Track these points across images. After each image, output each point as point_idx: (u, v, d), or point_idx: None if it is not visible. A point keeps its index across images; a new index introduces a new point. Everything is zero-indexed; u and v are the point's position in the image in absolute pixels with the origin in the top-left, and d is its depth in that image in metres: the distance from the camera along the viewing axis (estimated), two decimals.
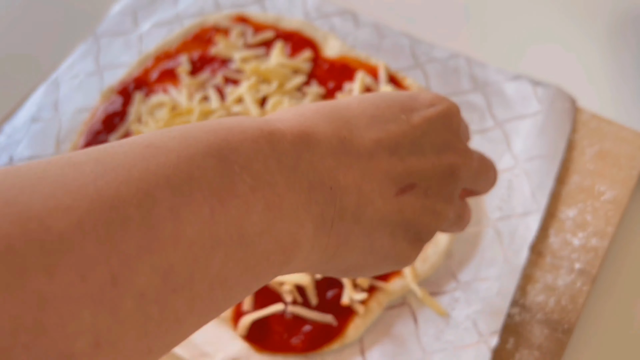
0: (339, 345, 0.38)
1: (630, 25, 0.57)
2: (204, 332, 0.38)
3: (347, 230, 0.23)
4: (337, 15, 0.53)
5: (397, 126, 0.25)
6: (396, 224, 0.25)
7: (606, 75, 0.54)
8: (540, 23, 0.58)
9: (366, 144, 0.23)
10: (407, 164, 0.25)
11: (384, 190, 0.24)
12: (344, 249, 0.23)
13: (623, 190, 0.43)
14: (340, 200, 0.22)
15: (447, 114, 0.27)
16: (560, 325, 0.38)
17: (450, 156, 0.26)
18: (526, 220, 0.42)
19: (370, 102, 0.25)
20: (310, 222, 0.21)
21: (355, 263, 0.25)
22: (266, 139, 0.20)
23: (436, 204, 0.26)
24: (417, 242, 0.27)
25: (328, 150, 0.22)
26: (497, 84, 0.48)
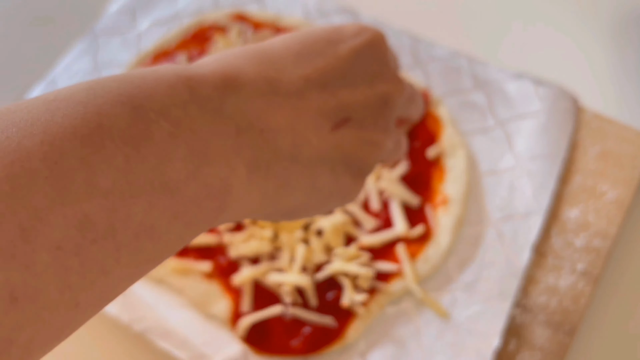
0: (339, 347, 0.37)
1: (633, 25, 0.56)
2: (203, 333, 0.38)
3: (286, 171, 0.22)
4: (337, 14, 0.53)
5: (325, 60, 0.24)
6: (336, 159, 0.25)
7: (608, 75, 0.53)
8: (542, 22, 0.57)
9: (295, 83, 0.23)
10: (339, 98, 0.24)
11: (318, 127, 0.23)
12: (286, 191, 0.23)
13: (625, 190, 0.43)
14: (273, 141, 0.22)
15: (374, 42, 0.26)
16: (562, 326, 0.38)
17: (382, 85, 0.26)
18: (528, 221, 0.41)
19: (295, 40, 0.25)
20: (242, 166, 0.20)
21: (300, 204, 0.24)
22: (185, 84, 0.20)
23: (373, 135, 0.26)
24: (359, 175, 0.26)
25: (255, 92, 0.22)
26: (499, 83, 0.48)
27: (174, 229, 0.18)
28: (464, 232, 0.42)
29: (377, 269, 0.40)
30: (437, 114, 0.46)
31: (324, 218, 0.41)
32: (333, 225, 0.40)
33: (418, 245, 0.41)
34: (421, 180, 0.43)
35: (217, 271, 0.40)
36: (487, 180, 0.44)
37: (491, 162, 0.45)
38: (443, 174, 0.44)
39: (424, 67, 0.49)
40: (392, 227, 0.41)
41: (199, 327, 0.38)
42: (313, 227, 0.40)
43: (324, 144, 0.24)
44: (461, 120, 0.47)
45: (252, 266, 0.40)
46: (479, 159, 0.45)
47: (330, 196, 0.25)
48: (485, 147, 0.45)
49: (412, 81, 0.30)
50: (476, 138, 0.46)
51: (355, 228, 0.41)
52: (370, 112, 0.26)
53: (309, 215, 0.26)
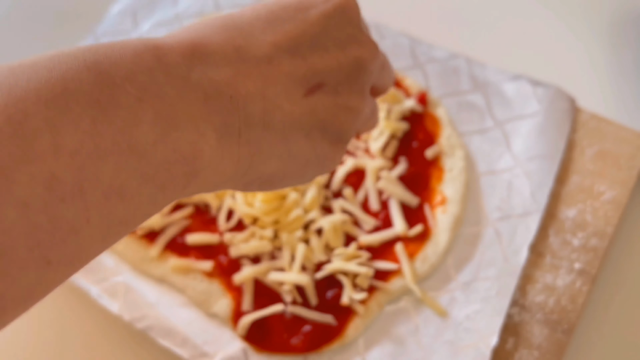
0: (338, 345, 0.38)
1: (630, 26, 0.57)
2: (204, 332, 0.38)
3: (258, 137, 0.23)
4: None
5: (295, 25, 0.24)
6: (311, 125, 0.24)
7: (606, 75, 0.54)
8: (540, 23, 0.58)
9: (264, 49, 0.23)
10: (310, 63, 0.24)
11: (290, 92, 0.23)
12: (260, 158, 0.23)
13: (623, 190, 0.43)
14: (244, 108, 0.22)
15: (345, 6, 0.26)
16: (559, 325, 0.38)
17: (355, 49, 0.26)
18: (526, 220, 0.42)
19: (263, 7, 0.25)
20: (212, 132, 0.21)
21: (277, 171, 0.24)
22: (151, 52, 0.20)
23: (349, 100, 0.26)
24: (338, 142, 0.26)
25: (223, 60, 0.22)
26: (497, 84, 0.48)
27: (144, 191, 0.19)
28: (462, 231, 0.42)
29: (376, 268, 0.40)
30: (435, 114, 0.47)
31: (324, 218, 0.41)
32: (333, 225, 0.40)
33: (417, 244, 0.41)
34: (420, 180, 0.44)
35: (218, 270, 0.40)
36: (486, 180, 0.44)
37: (489, 162, 0.45)
38: (442, 174, 0.44)
39: (422, 68, 0.50)
40: (391, 227, 0.41)
41: (200, 325, 0.39)
42: (313, 227, 0.41)
43: (298, 110, 0.24)
44: (460, 121, 0.47)
45: (253, 265, 0.40)
46: (477, 159, 0.45)
47: (308, 163, 0.25)
48: (484, 147, 0.46)
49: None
50: (474, 138, 0.46)
51: (354, 227, 0.42)
52: (344, 77, 0.25)
53: (288, 184, 0.26)
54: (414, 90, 0.48)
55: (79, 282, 0.40)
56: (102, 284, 0.40)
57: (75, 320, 0.42)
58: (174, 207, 0.42)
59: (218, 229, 0.42)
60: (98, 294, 0.39)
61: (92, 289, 0.39)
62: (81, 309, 0.42)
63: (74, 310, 0.42)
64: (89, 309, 0.42)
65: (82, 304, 0.42)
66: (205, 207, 0.43)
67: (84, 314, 0.42)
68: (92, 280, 0.40)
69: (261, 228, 0.41)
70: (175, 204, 0.42)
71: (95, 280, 0.40)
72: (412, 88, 0.48)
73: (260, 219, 0.41)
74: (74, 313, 0.42)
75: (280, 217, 0.40)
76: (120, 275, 0.41)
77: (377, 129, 0.45)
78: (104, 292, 0.39)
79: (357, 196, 0.43)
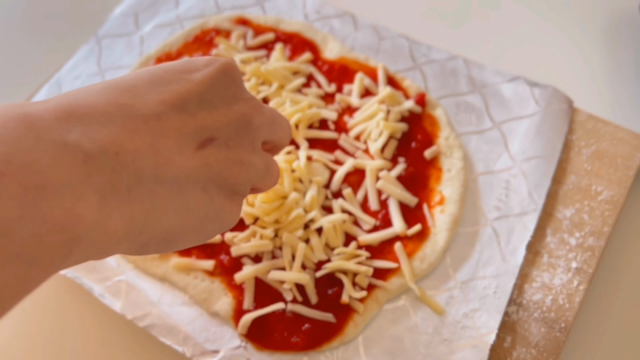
0: (338, 343, 0.38)
1: (625, 27, 0.57)
2: (205, 330, 0.39)
3: (151, 192, 0.22)
4: (337, 17, 0.54)
5: (180, 85, 0.25)
6: (206, 179, 0.25)
7: (603, 76, 0.54)
8: (537, 25, 0.58)
9: (151, 106, 0.23)
10: (198, 119, 0.25)
11: (182, 147, 0.24)
12: (155, 213, 0.23)
13: (619, 190, 0.44)
14: (132, 163, 0.21)
15: (226, 68, 0.28)
16: (557, 323, 0.39)
17: (241, 106, 0.27)
18: (523, 220, 0.42)
19: (146, 71, 0.25)
20: (93, 193, 0.20)
21: (175, 227, 0.24)
22: (19, 119, 0.19)
23: (240, 154, 0.27)
24: (234, 195, 0.27)
25: (105, 119, 0.21)
26: (495, 85, 0.48)
27: (9, 269, 0.18)
28: (460, 231, 0.42)
29: (375, 267, 0.40)
30: (434, 115, 0.47)
31: (324, 217, 0.41)
32: (332, 225, 0.41)
33: (415, 244, 0.41)
34: (419, 180, 0.44)
35: (219, 269, 0.41)
36: (484, 180, 0.45)
37: (487, 162, 0.45)
38: (440, 174, 0.44)
39: (421, 69, 0.50)
40: (390, 227, 0.42)
41: (202, 323, 0.39)
42: (313, 226, 0.41)
43: (191, 163, 0.24)
44: (458, 122, 0.48)
45: (254, 264, 0.40)
46: (475, 160, 0.46)
47: (206, 218, 0.26)
48: (482, 147, 0.46)
49: (273, 110, 0.31)
50: (473, 139, 0.47)
51: (354, 227, 0.42)
52: (234, 132, 0.26)
53: (188, 242, 0.26)
54: (412, 92, 0.48)
55: (81, 282, 0.40)
56: (104, 283, 0.40)
57: (78, 319, 0.42)
58: None
59: None
60: (100, 293, 0.40)
61: (95, 288, 0.40)
62: (84, 308, 0.43)
63: (76, 309, 0.43)
64: (91, 308, 0.43)
65: (84, 303, 0.43)
66: None
67: (87, 313, 0.43)
68: (95, 280, 0.40)
69: (262, 227, 0.41)
70: None
71: (97, 279, 0.40)
72: (410, 89, 0.49)
73: (261, 218, 0.41)
74: (76, 312, 0.43)
75: (281, 216, 0.41)
76: (122, 274, 0.41)
77: (376, 130, 0.45)
78: (106, 291, 0.40)
79: (357, 196, 0.43)
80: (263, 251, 0.41)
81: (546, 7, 0.60)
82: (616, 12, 0.58)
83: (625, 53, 0.55)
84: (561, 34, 0.57)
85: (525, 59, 0.55)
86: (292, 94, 0.47)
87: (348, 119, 0.47)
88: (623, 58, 0.55)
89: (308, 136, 0.46)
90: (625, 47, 0.56)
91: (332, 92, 0.49)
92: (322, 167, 0.45)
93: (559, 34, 0.57)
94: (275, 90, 0.48)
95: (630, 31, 0.57)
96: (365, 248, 0.41)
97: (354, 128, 0.46)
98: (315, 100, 0.47)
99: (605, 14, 0.58)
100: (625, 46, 0.56)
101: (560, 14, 0.59)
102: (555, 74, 0.54)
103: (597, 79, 0.54)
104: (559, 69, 0.55)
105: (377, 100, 0.47)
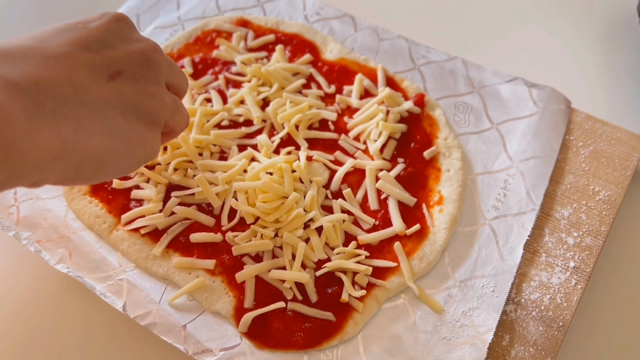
0: (338, 341, 0.38)
1: (622, 28, 0.57)
2: (206, 328, 0.39)
3: (75, 114, 0.27)
4: (337, 19, 0.54)
5: (81, 32, 0.29)
6: (123, 106, 0.29)
7: (601, 77, 0.55)
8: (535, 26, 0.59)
9: (59, 48, 0.27)
10: (104, 55, 0.29)
11: (94, 78, 0.28)
12: (82, 133, 0.27)
13: (617, 190, 0.44)
14: (52, 90, 0.26)
15: (120, 17, 0.32)
16: (555, 322, 0.39)
17: (139, 45, 0.32)
18: (521, 220, 0.42)
19: (49, 27, 0.29)
20: (21, 110, 0.24)
21: (104, 148, 0.28)
22: None
23: (147, 86, 0.31)
24: (151, 124, 0.31)
25: (21, 58, 0.26)
26: (493, 85, 0.49)
27: None
28: (459, 230, 0.43)
29: (375, 266, 0.41)
30: (433, 116, 0.48)
31: (324, 217, 0.42)
32: (332, 224, 0.41)
33: (414, 243, 0.42)
34: (418, 180, 0.44)
35: (220, 268, 0.41)
36: (482, 180, 0.45)
37: (486, 162, 0.46)
38: (439, 174, 0.45)
39: (420, 70, 0.51)
40: (390, 226, 0.42)
41: (203, 322, 0.39)
42: (313, 226, 0.42)
43: (106, 91, 0.28)
44: (457, 122, 0.48)
45: (255, 264, 0.41)
46: (474, 160, 0.46)
47: (130, 141, 0.30)
48: (480, 148, 0.46)
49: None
50: (471, 139, 0.47)
51: (354, 227, 0.42)
52: (138, 67, 0.31)
53: (119, 166, 0.30)
54: (411, 92, 0.49)
55: (83, 281, 0.40)
56: (106, 282, 0.41)
57: (80, 318, 0.43)
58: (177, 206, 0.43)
59: (221, 229, 0.42)
60: (102, 292, 0.40)
61: (97, 287, 0.40)
62: (85, 306, 0.43)
63: (78, 308, 0.43)
64: (93, 307, 0.43)
65: (86, 302, 0.43)
66: (208, 207, 0.44)
67: (88, 311, 0.43)
68: (96, 279, 0.41)
69: (262, 227, 0.42)
70: (179, 201, 0.43)
71: (99, 278, 0.41)
72: (409, 90, 0.49)
73: (261, 218, 0.42)
74: (78, 311, 0.43)
75: (281, 216, 0.41)
76: (124, 273, 0.41)
77: (376, 130, 0.45)
78: (108, 290, 0.40)
79: (356, 196, 0.44)
80: (263, 250, 0.41)
81: (544, 9, 0.60)
82: (613, 15, 0.59)
83: (622, 54, 0.56)
84: (559, 36, 0.58)
85: (524, 60, 0.56)
86: (292, 95, 0.48)
87: (348, 120, 0.47)
88: (620, 59, 0.55)
89: (308, 137, 0.46)
90: (622, 48, 0.56)
91: (332, 93, 0.49)
92: (322, 167, 0.45)
93: (557, 36, 0.58)
94: (276, 91, 0.48)
95: (627, 33, 0.57)
96: (364, 247, 0.42)
97: (354, 129, 0.47)
98: (315, 101, 0.48)
99: (602, 16, 0.59)
100: (623, 47, 0.56)
101: (558, 15, 0.59)
102: (553, 75, 0.54)
103: (595, 80, 0.54)
104: (557, 69, 0.55)
105: (376, 101, 0.47)
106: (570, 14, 0.59)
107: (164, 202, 0.43)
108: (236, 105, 0.48)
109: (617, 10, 0.59)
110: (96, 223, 0.43)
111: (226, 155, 0.46)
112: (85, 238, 0.43)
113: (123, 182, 0.44)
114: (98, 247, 0.42)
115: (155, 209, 0.43)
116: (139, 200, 0.44)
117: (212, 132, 0.46)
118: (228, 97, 0.49)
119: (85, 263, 0.41)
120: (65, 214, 0.44)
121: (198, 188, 0.43)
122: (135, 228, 0.42)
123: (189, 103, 0.48)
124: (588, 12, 0.59)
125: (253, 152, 0.45)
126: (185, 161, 0.45)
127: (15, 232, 0.42)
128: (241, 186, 0.42)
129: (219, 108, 0.48)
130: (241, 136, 0.47)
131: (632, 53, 0.56)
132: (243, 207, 0.42)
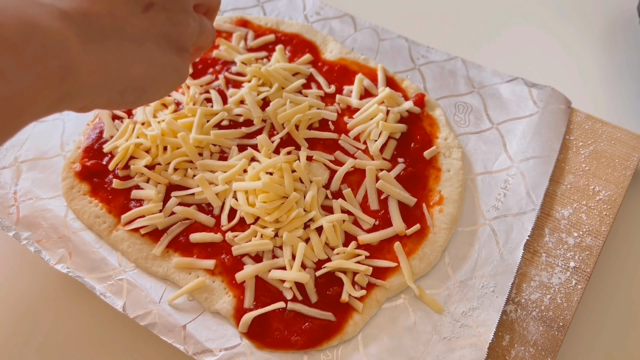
0: (338, 341, 0.38)
1: (622, 29, 0.57)
2: (206, 328, 0.39)
3: (118, 45, 0.30)
4: (336, 19, 0.54)
5: None
6: (157, 36, 0.32)
7: (601, 77, 0.55)
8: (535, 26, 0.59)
9: None
10: None
11: (131, 10, 0.31)
12: (125, 62, 0.30)
13: (617, 190, 0.44)
14: (97, 22, 0.29)
15: None
16: (555, 322, 0.39)
17: None
18: (522, 220, 0.42)
19: None
20: (74, 37, 0.27)
21: (144, 75, 0.32)
22: None
23: (176, 14, 0.34)
24: (181, 51, 0.35)
25: None
26: (494, 85, 0.49)
27: (22, 75, 0.24)
28: (459, 230, 0.43)
29: (375, 266, 0.41)
30: (433, 116, 0.48)
31: (324, 217, 0.42)
32: (332, 224, 0.41)
33: (415, 243, 0.42)
34: (418, 180, 0.44)
35: (220, 268, 0.41)
36: (482, 180, 0.45)
37: (486, 162, 0.46)
38: (439, 174, 0.45)
39: (420, 70, 0.51)
40: (390, 226, 0.42)
41: (203, 322, 0.39)
42: (313, 226, 0.42)
43: (142, 23, 0.31)
44: (457, 122, 0.48)
45: (255, 264, 0.41)
46: (474, 160, 0.46)
47: (165, 69, 0.33)
48: (480, 148, 0.46)
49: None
50: (471, 139, 0.47)
51: (354, 227, 0.42)
52: None
53: (157, 92, 0.34)
54: (411, 92, 0.49)
55: (83, 281, 0.40)
56: (106, 282, 0.41)
57: (80, 318, 0.43)
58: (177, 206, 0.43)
59: (221, 228, 0.42)
60: (102, 292, 0.40)
61: (97, 287, 0.40)
62: (85, 306, 0.43)
63: (78, 308, 0.43)
64: (93, 307, 0.43)
65: (86, 302, 0.43)
66: (208, 207, 0.44)
67: (88, 311, 0.43)
68: (96, 279, 0.41)
69: (262, 227, 0.42)
70: (178, 202, 0.43)
71: (99, 278, 0.41)
72: (409, 90, 0.49)
73: (261, 218, 0.42)
74: (78, 311, 0.43)
75: (281, 216, 0.41)
76: (124, 273, 0.41)
77: (376, 130, 0.45)
78: (108, 290, 0.40)
79: (356, 196, 0.44)
80: (263, 250, 0.41)
81: (545, 9, 0.60)
82: (613, 15, 0.59)
83: (622, 54, 0.56)
84: (559, 36, 0.58)
85: (524, 60, 0.56)
86: (293, 95, 0.48)
87: (348, 120, 0.47)
88: (621, 59, 0.55)
89: (308, 136, 0.46)
90: (622, 48, 0.56)
91: (332, 92, 0.49)
92: (322, 167, 0.45)
93: (557, 36, 0.58)
94: (276, 91, 0.48)
95: (627, 33, 0.57)
96: (364, 247, 0.42)
97: (354, 128, 0.47)
98: (315, 101, 0.48)
99: (602, 16, 0.59)
100: (623, 47, 0.56)
101: (558, 16, 0.59)
102: (553, 75, 0.54)
103: (595, 80, 0.54)
104: (557, 69, 0.55)
105: (376, 101, 0.47)
106: (571, 14, 0.59)
107: (164, 202, 0.43)
108: (236, 105, 0.48)
109: (617, 10, 0.59)
110: (96, 223, 0.43)
111: (226, 155, 0.46)
112: (85, 238, 0.43)
113: (123, 182, 0.44)
114: (98, 247, 0.42)
115: (155, 209, 0.43)
116: (139, 200, 0.44)
117: (212, 132, 0.46)
118: (228, 97, 0.49)
119: (85, 263, 0.41)
120: (65, 214, 0.44)
121: (198, 188, 0.43)
122: (135, 228, 0.43)
123: (189, 102, 0.48)
124: (588, 12, 0.59)
125: (253, 152, 0.45)
126: (185, 161, 0.45)
127: (15, 232, 0.42)
128: (241, 186, 0.42)
129: (219, 108, 0.48)
130: (241, 136, 0.47)
131: (632, 53, 0.56)
132: (243, 207, 0.42)
